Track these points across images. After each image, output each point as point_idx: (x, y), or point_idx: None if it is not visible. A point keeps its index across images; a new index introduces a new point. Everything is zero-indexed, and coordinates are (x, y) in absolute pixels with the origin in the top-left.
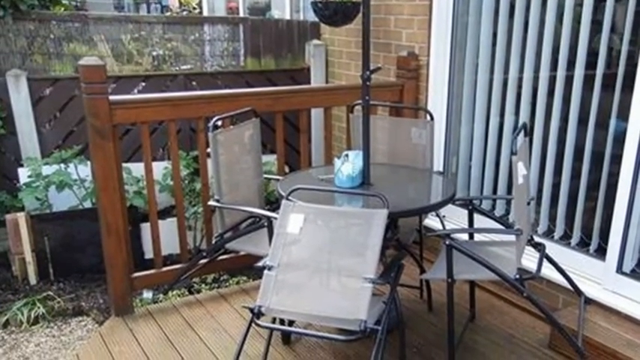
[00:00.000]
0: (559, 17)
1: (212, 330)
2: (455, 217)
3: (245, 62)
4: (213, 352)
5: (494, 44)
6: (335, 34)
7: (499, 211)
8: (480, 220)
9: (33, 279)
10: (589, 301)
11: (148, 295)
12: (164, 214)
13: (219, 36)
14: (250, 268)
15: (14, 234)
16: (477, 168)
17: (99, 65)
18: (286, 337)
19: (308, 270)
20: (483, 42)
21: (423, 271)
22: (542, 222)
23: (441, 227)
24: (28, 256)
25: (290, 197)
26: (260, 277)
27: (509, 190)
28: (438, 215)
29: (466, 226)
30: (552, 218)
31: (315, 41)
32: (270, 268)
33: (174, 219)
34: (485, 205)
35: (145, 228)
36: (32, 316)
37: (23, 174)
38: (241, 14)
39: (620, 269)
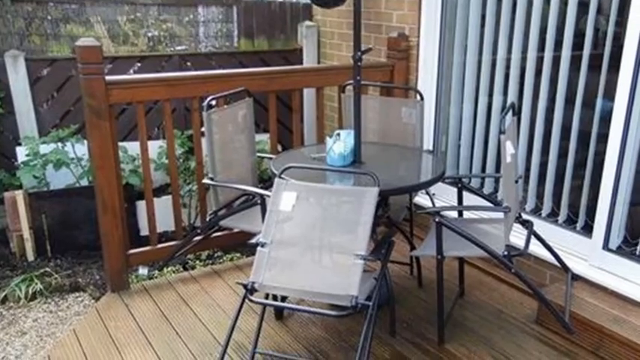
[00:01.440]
0: None
1: (206, 305)
2: (444, 195)
3: (238, 43)
4: (207, 327)
5: (482, 25)
6: (327, 16)
7: (487, 189)
8: (468, 198)
9: (31, 255)
10: (576, 278)
11: (143, 271)
12: (159, 192)
13: (213, 17)
14: (244, 245)
15: (12, 211)
16: (466, 147)
17: (95, 46)
18: (279, 313)
19: (300, 247)
20: (472, 23)
21: (413, 248)
22: (530, 200)
23: (430, 205)
24: (26, 233)
25: (283, 175)
26: (253, 254)
27: (497, 169)
28: (427, 193)
29: (455, 204)
30: (540, 196)
31: (308, 22)
32: (263, 245)
33: (169, 197)
34: (474, 183)
35: (141, 205)
36: (30, 292)
37: (21, 153)
38: None
39: (606, 246)
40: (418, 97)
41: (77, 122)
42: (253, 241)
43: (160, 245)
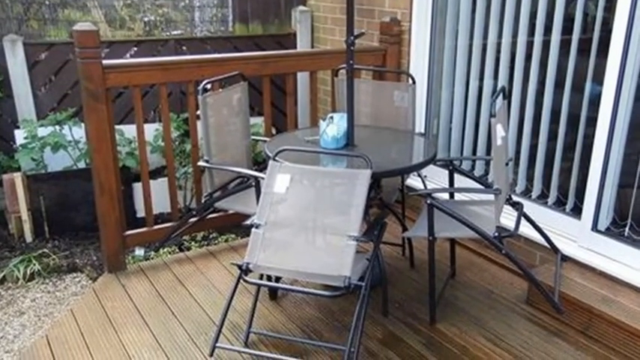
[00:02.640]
0: None
1: (201, 286)
2: (436, 177)
3: (233, 28)
4: (202, 307)
5: (473, 10)
6: (320, 1)
7: (478, 172)
8: (460, 180)
9: (29, 237)
10: (565, 258)
11: (139, 252)
12: (155, 174)
13: (208, 2)
14: (238, 226)
15: (11, 193)
16: (457, 130)
17: (92, 31)
18: (273, 293)
19: (294, 228)
20: (463, 8)
21: (405, 229)
22: (520, 182)
23: (422, 187)
24: (24, 215)
25: (277, 158)
26: (248, 235)
27: (488, 151)
28: (419, 175)
29: (447, 186)
30: (530, 178)
31: (301, 7)
32: (257, 227)
33: (165, 179)
34: (465, 165)
35: (137, 187)
36: (28, 272)
37: (19, 135)
38: None
39: (595, 227)
40: (410, 81)
41: (74, 105)
42: (248, 222)
43: (156, 227)
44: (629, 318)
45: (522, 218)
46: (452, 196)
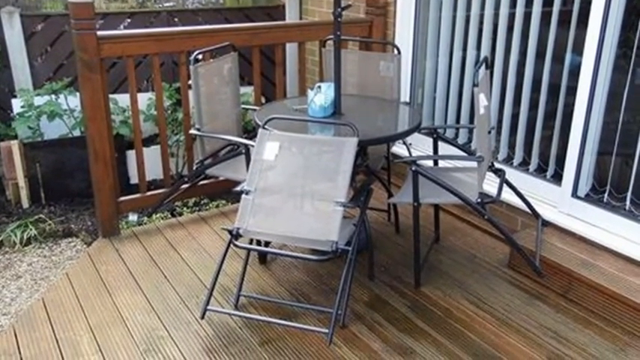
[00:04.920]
0: None
1: (193, 250)
2: (420, 145)
3: (224, 0)
4: (194, 270)
5: None
6: None
7: (462, 140)
8: (444, 148)
9: (25, 203)
10: (546, 224)
11: (133, 217)
12: (148, 141)
13: None
14: (229, 192)
15: (8, 161)
16: (441, 99)
17: (87, 3)
18: (262, 257)
19: (283, 194)
20: None
21: (390, 196)
22: (502, 149)
23: (407, 154)
24: (21, 182)
25: (266, 126)
26: (238, 201)
27: (471, 120)
28: (404, 143)
29: (431, 154)
30: (512, 146)
31: None
32: (247, 193)
33: (158, 146)
34: (449, 133)
35: (131, 155)
36: (25, 237)
37: (16, 104)
38: None
39: (575, 194)
40: (395, 51)
41: (70, 75)
42: (238, 188)
43: (149, 193)
44: (607, 281)
45: (504, 185)
46: (436, 163)
